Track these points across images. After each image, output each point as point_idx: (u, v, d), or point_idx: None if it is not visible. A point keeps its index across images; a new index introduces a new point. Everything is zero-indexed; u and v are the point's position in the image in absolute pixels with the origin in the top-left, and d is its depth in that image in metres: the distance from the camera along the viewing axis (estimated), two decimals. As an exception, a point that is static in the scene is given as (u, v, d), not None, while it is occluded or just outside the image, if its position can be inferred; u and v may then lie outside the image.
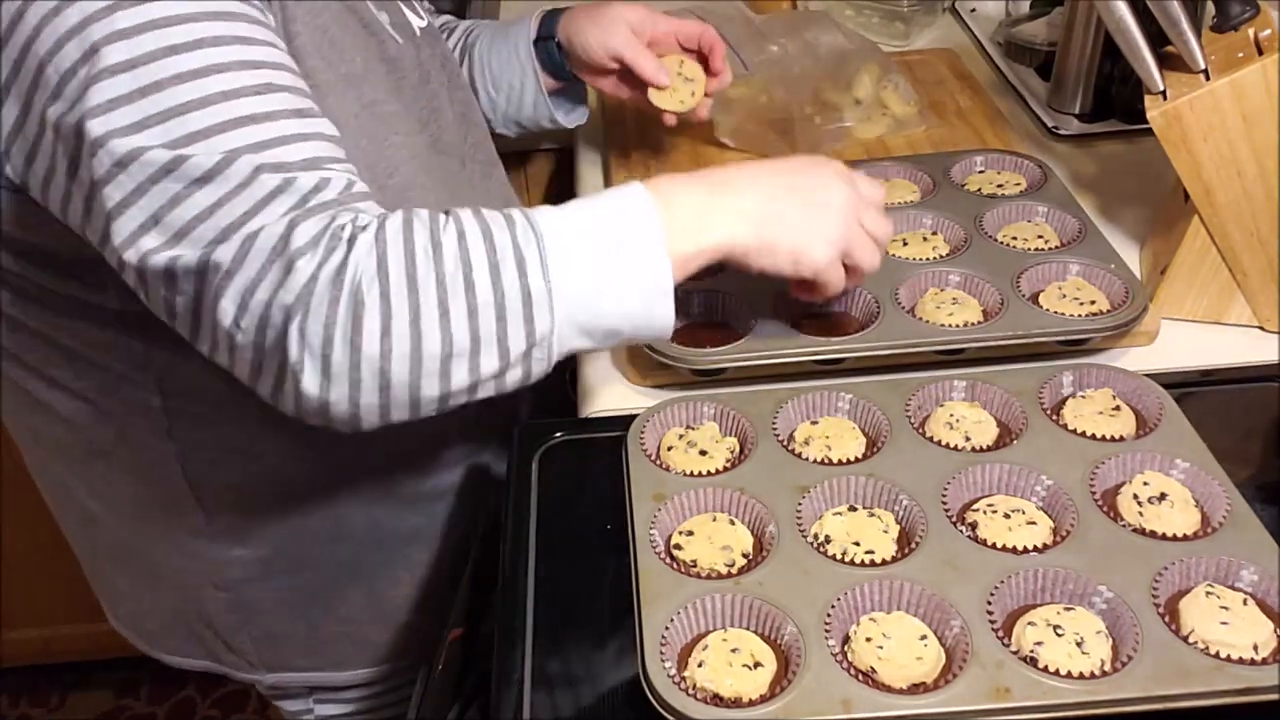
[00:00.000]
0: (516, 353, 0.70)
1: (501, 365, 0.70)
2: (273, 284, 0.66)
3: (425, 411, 0.70)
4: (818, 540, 0.73)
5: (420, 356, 0.67)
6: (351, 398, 0.68)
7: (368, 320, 0.66)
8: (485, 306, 0.68)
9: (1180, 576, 0.68)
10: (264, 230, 0.66)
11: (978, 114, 1.29)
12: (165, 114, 0.65)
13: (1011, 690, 0.62)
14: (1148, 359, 0.92)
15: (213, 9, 0.68)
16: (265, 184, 0.67)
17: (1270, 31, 0.89)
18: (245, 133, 0.67)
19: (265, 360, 0.69)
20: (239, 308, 0.67)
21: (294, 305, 0.66)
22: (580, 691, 0.70)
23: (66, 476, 0.97)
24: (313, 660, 1.05)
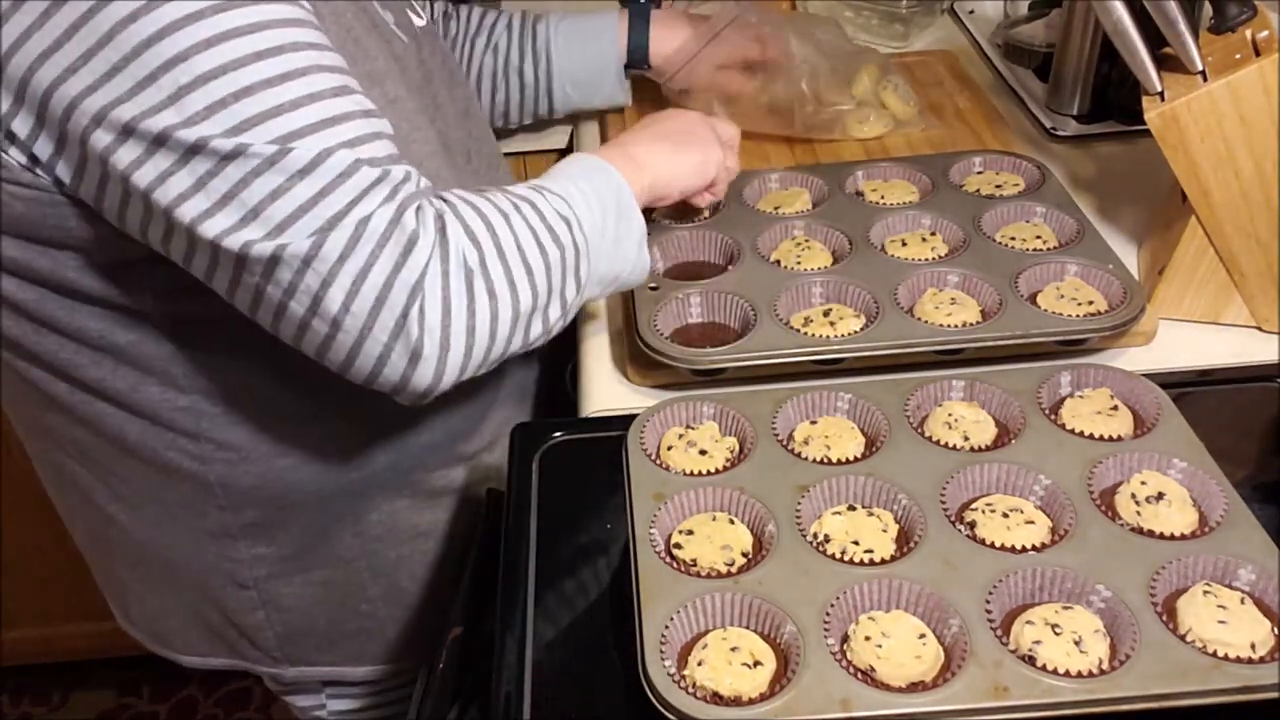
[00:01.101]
0: (570, 301, 0.82)
1: (559, 315, 0.82)
2: (390, 266, 0.71)
3: (489, 368, 0.79)
4: (817, 539, 0.73)
5: (518, 314, 0.77)
6: (455, 364, 0.75)
7: (478, 290, 0.74)
8: (554, 263, 0.79)
9: (1178, 575, 0.69)
10: (375, 215, 0.71)
11: (976, 115, 1.29)
12: (261, 116, 0.68)
13: (1010, 689, 0.62)
14: (1145, 359, 0.93)
15: (283, 16, 0.70)
16: (367, 175, 0.71)
17: (1268, 33, 0.90)
18: (336, 131, 0.70)
19: (371, 341, 0.73)
20: (350, 292, 0.71)
21: (416, 285, 0.72)
22: (580, 690, 0.70)
23: (85, 479, 0.97)
24: (333, 654, 1.06)
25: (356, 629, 1.04)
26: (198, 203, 0.70)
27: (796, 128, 1.24)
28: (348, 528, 0.97)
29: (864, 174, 1.12)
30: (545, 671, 0.71)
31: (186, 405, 0.88)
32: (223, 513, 0.94)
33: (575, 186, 0.83)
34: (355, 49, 0.82)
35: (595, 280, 0.85)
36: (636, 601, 0.69)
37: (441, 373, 0.75)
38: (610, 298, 1.06)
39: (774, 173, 1.13)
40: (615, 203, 0.85)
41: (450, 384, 0.76)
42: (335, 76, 0.72)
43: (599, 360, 0.98)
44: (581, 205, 0.82)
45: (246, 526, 0.95)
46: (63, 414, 0.91)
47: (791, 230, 1.04)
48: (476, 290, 0.74)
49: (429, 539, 1.02)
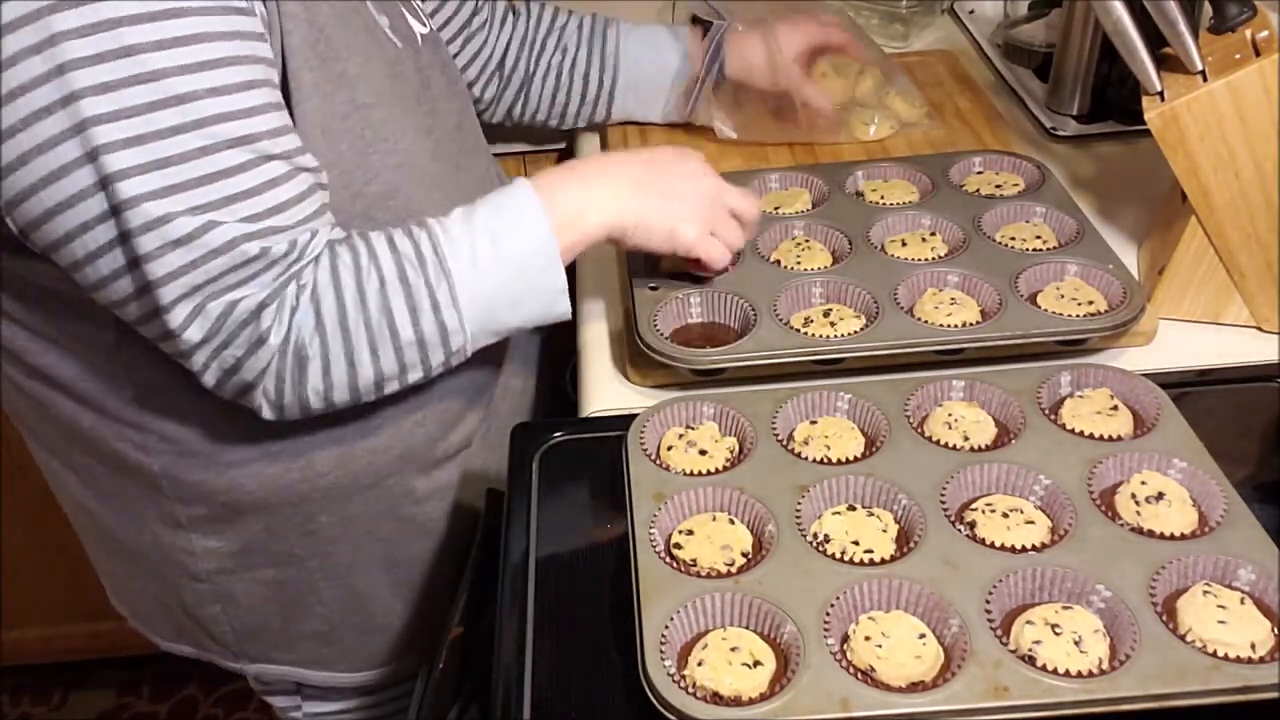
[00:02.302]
0: (437, 364, 0.84)
1: (425, 374, 0.84)
2: (244, 350, 0.77)
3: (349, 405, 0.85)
4: (817, 539, 0.73)
5: (357, 385, 0.82)
6: (292, 416, 0.83)
7: (311, 370, 0.79)
8: (409, 344, 0.81)
9: (1178, 575, 0.69)
10: (242, 301, 0.75)
11: (976, 115, 1.29)
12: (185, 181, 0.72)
13: (1010, 689, 0.62)
14: (1145, 359, 0.93)
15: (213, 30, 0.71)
16: (245, 253, 0.74)
17: (1268, 33, 0.90)
18: (234, 209, 0.73)
19: (221, 390, 0.81)
20: (202, 365, 0.78)
21: (252, 382, 0.79)
22: (580, 690, 0.70)
23: (58, 467, 0.98)
24: (293, 655, 1.05)
25: (313, 632, 1.03)
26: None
27: (802, 130, 1.24)
28: (296, 528, 0.96)
29: (864, 174, 1.12)
30: (545, 671, 0.71)
31: (131, 397, 0.88)
32: (171, 504, 0.94)
33: (474, 249, 0.81)
34: (326, 49, 0.81)
35: (488, 335, 0.85)
36: (636, 601, 0.69)
37: (282, 417, 0.83)
38: (610, 298, 1.06)
39: (774, 172, 1.13)
40: (524, 262, 0.83)
41: (296, 417, 0.83)
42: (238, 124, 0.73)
43: (599, 360, 0.98)
44: (468, 277, 0.81)
45: (196, 519, 0.95)
46: (28, 401, 0.92)
47: (791, 230, 1.04)
48: (309, 372, 0.79)
49: (391, 545, 1.01)
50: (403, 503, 0.99)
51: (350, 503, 0.96)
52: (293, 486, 0.93)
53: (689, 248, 0.91)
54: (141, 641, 1.14)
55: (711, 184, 0.93)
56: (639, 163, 0.93)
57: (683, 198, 0.90)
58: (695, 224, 0.90)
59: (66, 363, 0.87)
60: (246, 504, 0.93)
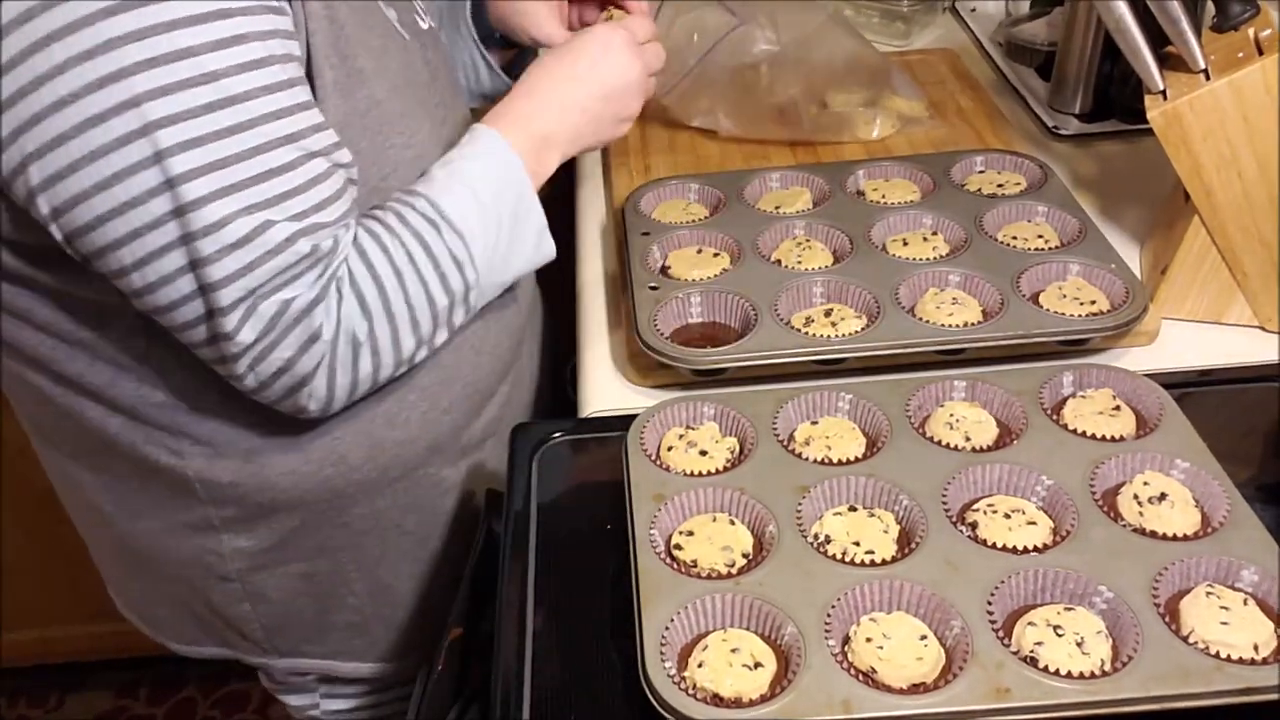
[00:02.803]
0: (456, 324, 0.88)
1: (446, 336, 0.88)
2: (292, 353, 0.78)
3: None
4: (818, 540, 0.73)
5: (401, 359, 0.85)
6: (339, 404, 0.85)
7: (363, 356, 0.82)
8: (443, 308, 0.85)
9: (1180, 576, 0.68)
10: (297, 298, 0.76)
11: (978, 114, 1.29)
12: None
13: (1011, 690, 0.62)
14: (1148, 359, 0.92)
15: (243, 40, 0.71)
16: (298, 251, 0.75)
17: (1270, 31, 0.89)
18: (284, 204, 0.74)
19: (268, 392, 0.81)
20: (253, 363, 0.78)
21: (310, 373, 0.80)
22: (580, 691, 0.70)
23: (74, 470, 0.97)
24: (323, 647, 1.05)
25: (344, 623, 1.04)
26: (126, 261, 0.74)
27: (804, 129, 1.24)
28: (329, 522, 0.96)
29: (865, 173, 1.12)
30: (545, 672, 0.70)
31: (162, 401, 0.87)
32: (203, 506, 0.93)
33: (473, 202, 0.85)
34: (346, 47, 0.81)
35: (494, 288, 0.90)
36: (636, 602, 0.68)
37: (327, 410, 0.84)
38: (610, 298, 1.06)
39: (774, 172, 1.13)
40: (513, 207, 0.88)
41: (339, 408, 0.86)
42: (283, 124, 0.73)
43: (599, 360, 0.98)
44: (478, 230, 0.85)
45: (227, 520, 0.94)
46: (49, 406, 0.91)
47: (792, 230, 1.04)
48: (361, 359, 0.82)
49: (415, 538, 1.01)
50: (431, 493, 1.00)
51: (381, 495, 0.97)
52: (327, 482, 0.93)
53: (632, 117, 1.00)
54: (139, 644, 1.14)
55: (638, 69, 0.98)
56: (584, 92, 0.96)
57: (625, 98, 0.98)
58: (637, 104, 0.99)
59: (96, 369, 0.86)
60: (281, 502, 0.94)
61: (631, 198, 1.11)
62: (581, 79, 0.95)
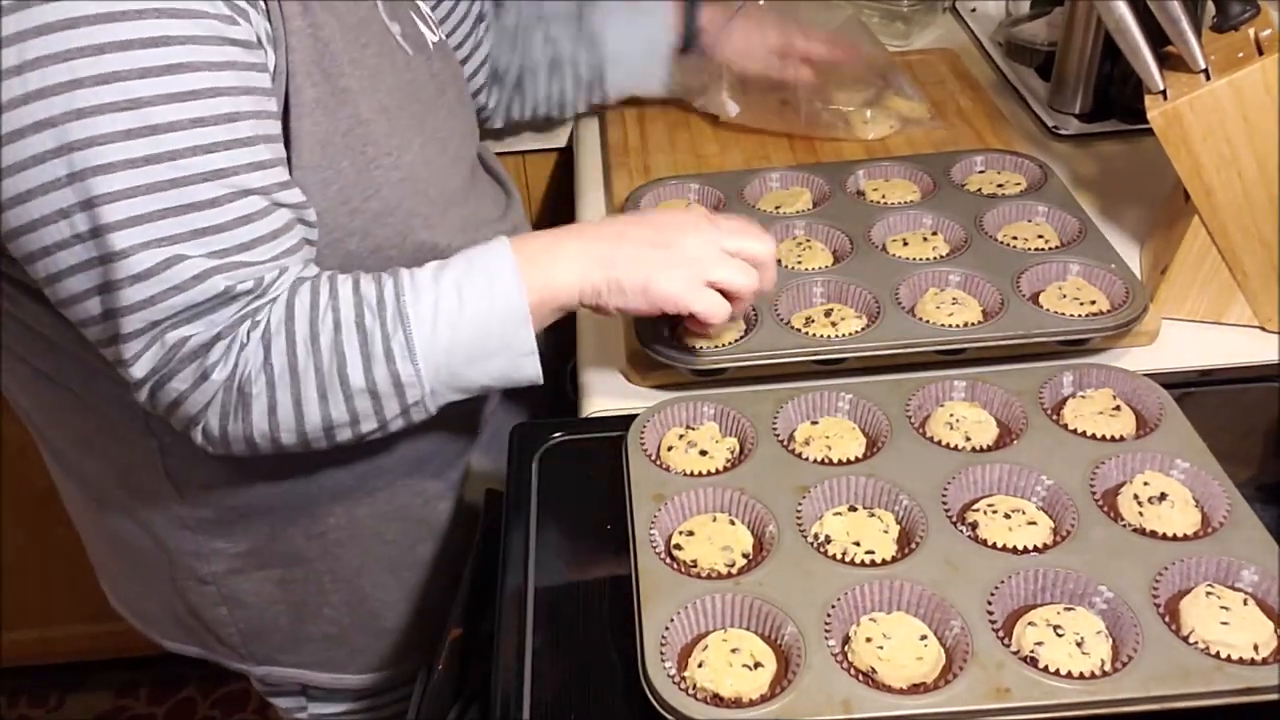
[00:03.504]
0: (392, 416, 0.80)
1: (380, 426, 0.80)
2: (188, 384, 0.76)
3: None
4: (818, 540, 0.73)
5: (304, 429, 0.78)
6: (250, 449, 0.80)
7: (255, 408, 0.77)
8: (359, 392, 0.77)
9: (1180, 576, 0.68)
10: (192, 338, 0.74)
11: (978, 114, 1.29)
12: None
13: (1011, 690, 0.62)
14: (1148, 359, 0.92)
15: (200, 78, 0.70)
16: (209, 289, 0.72)
17: (1270, 31, 0.89)
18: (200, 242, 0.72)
19: (173, 420, 0.80)
20: (149, 395, 0.77)
21: (197, 415, 0.77)
22: (580, 691, 0.70)
23: (62, 464, 0.98)
24: (300, 657, 1.05)
25: (321, 634, 1.03)
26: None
27: (801, 124, 1.24)
28: (303, 530, 0.96)
29: (865, 173, 1.12)
30: (545, 672, 0.70)
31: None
32: (180, 507, 0.93)
33: (438, 303, 0.77)
34: (330, 65, 0.80)
35: (451, 391, 0.80)
36: (636, 602, 0.68)
37: (225, 451, 0.80)
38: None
39: (775, 172, 1.13)
40: (485, 322, 0.78)
41: (240, 452, 0.81)
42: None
43: (599, 360, 0.98)
44: (422, 333, 0.77)
45: (203, 522, 0.94)
46: (36, 402, 0.92)
47: (792, 230, 1.04)
48: (253, 411, 0.77)
49: (399, 548, 1.01)
50: (414, 503, 0.99)
51: (360, 505, 0.96)
52: (301, 489, 0.93)
53: (671, 300, 0.80)
54: (140, 643, 1.14)
55: (707, 230, 0.82)
56: (626, 220, 0.89)
57: (665, 247, 0.81)
58: (677, 272, 0.80)
59: (72, 368, 0.87)
60: (255, 507, 0.93)
61: (631, 198, 1.11)
62: (629, 216, 0.96)
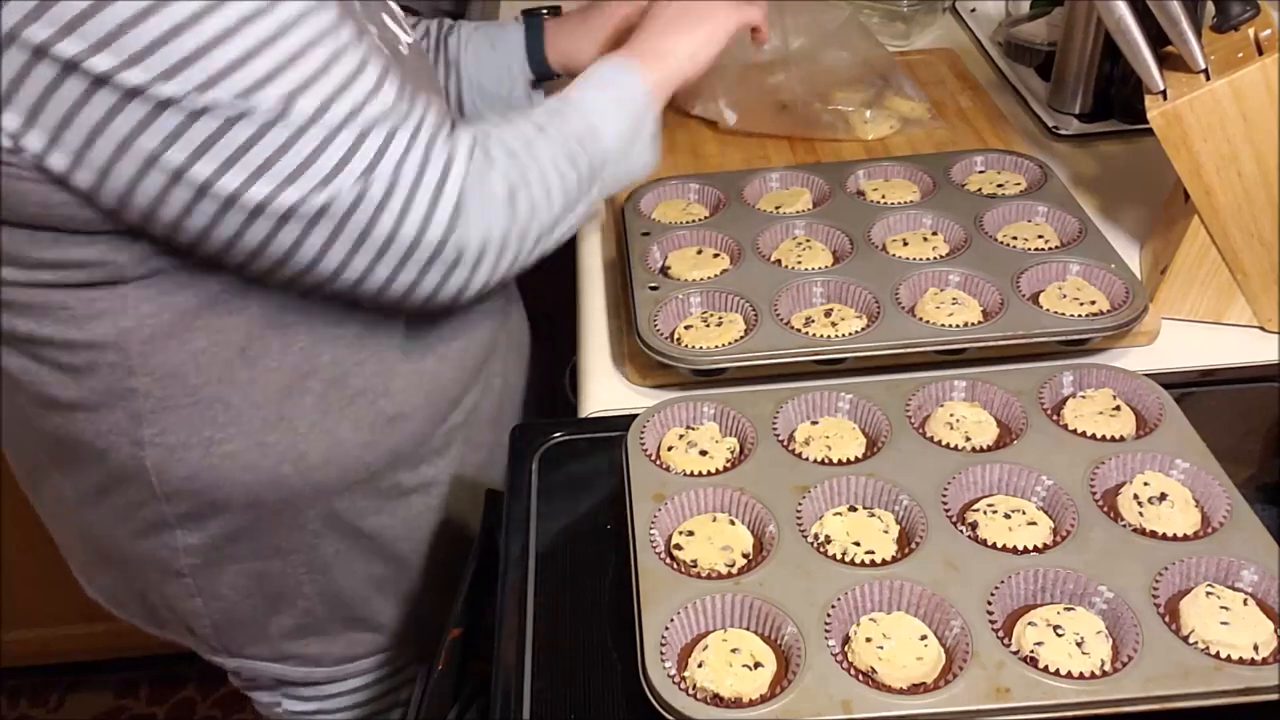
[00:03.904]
0: (582, 214, 0.91)
1: (572, 226, 0.90)
2: (431, 194, 0.78)
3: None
4: (818, 540, 0.73)
5: (545, 225, 0.86)
6: (485, 273, 0.84)
7: (520, 205, 0.84)
8: (571, 184, 0.88)
9: (1180, 576, 0.68)
10: (409, 155, 0.77)
11: (978, 114, 1.29)
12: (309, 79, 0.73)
13: (1011, 690, 0.62)
14: (1148, 359, 0.92)
15: None
16: (391, 120, 0.77)
17: (1270, 31, 0.89)
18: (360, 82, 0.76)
19: (431, 255, 0.81)
20: (396, 222, 0.78)
21: (456, 207, 0.80)
22: (580, 691, 0.70)
23: (40, 464, 0.98)
24: (272, 650, 1.05)
25: (293, 625, 1.03)
26: (235, 173, 0.73)
27: (801, 127, 1.24)
28: (284, 523, 0.96)
29: (865, 173, 1.12)
30: (545, 671, 0.70)
31: (133, 387, 0.87)
32: (157, 502, 0.93)
33: (600, 96, 0.92)
34: None
35: (609, 187, 0.93)
36: (636, 603, 0.68)
37: (474, 281, 0.84)
38: (610, 298, 1.06)
39: (775, 172, 1.13)
40: (635, 107, 0.93)
41: (479, 290, 0.85)
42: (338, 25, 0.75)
43: (599, 360, 0.98)
44: (602, 118, 0.91)
45: (180, 516, 0.94)
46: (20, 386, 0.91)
47: (792, 230, 1.04)
48: (519, 205, 0.83)
49: (374, 543, 1.01)
50: (388, 495, 0.99)
51: (339, 498, 0.96)
52: (284, 480, 0.93)
53: (728, 33, 1.03)
54: (140, 643, 1.14)
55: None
56: (662, 17, 1.02)
57: (704, 15, 1.02)
58: (723, 27, 1.02)
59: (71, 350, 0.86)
60: (236, 499, 0.93)
61: (631, 197, 1.11)
62: (663, 7, 1.03)
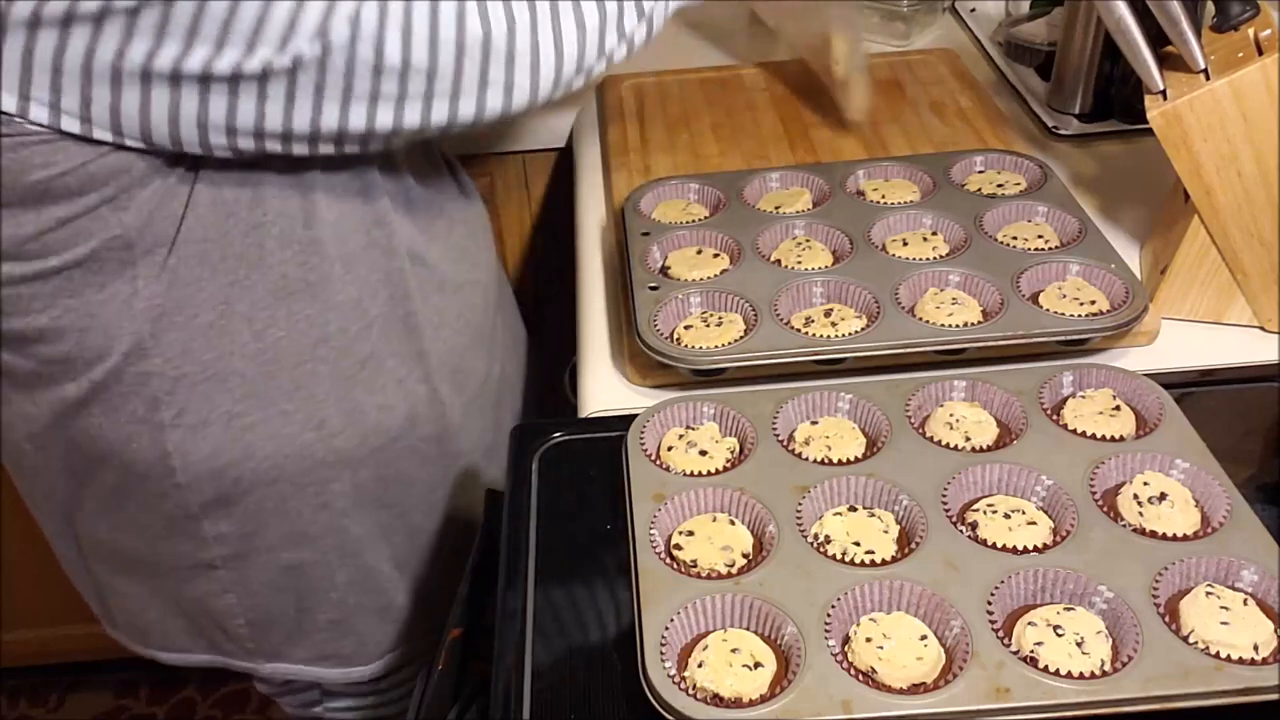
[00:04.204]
0: (631, 28, 0.86)
1: (636, 26, 0.86)
2: None
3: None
4: (818, 540, 0.73)
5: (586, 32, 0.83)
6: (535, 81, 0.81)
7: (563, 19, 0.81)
8: None
9: (1180, 576, 0.68)
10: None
11: (978, 114, 1.29)
12: None
13: (1011, 690, 0.62)
14: (1148, 359, 0.92)
15: None
16: None
17: (1270, 31, 0.89)
18: None
19: (452, 73, 0.78)
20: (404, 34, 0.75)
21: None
22: (580, 691, 0.70)
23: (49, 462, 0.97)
24: (307, 651, 1.05)
25: (326, 621, 1.04)
26: (197, 49, 0.71)
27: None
28: (308, 503, 0.97)
29: (865, 173, 1.12)
30: (545, 672, 0.70)
31: (147, 370, 0.87)
32: (180, 492, 0.93)
33: None
34: None
35: None
36: (636, 602, 0.68)
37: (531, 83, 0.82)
38: (610, 298, 1.06)
39: (774, 172, 1.13)
40: None
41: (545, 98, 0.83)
42: None
43: (599, 360, 0.98)
44: None
45: (206, 504, 0.95)
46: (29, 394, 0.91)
47: (792, 230, 1.04)
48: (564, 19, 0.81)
49: (394, 512, 1.02)
50: (410, 463, 1.00)
51: (362, 467, 0.97)
52: (307, 449, 0.93)
53: None
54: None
55: None
56: None
57: None
58: None
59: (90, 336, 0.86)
60: (261, 474, 0.93)
61: (631, 198, 1.11)
62: None
